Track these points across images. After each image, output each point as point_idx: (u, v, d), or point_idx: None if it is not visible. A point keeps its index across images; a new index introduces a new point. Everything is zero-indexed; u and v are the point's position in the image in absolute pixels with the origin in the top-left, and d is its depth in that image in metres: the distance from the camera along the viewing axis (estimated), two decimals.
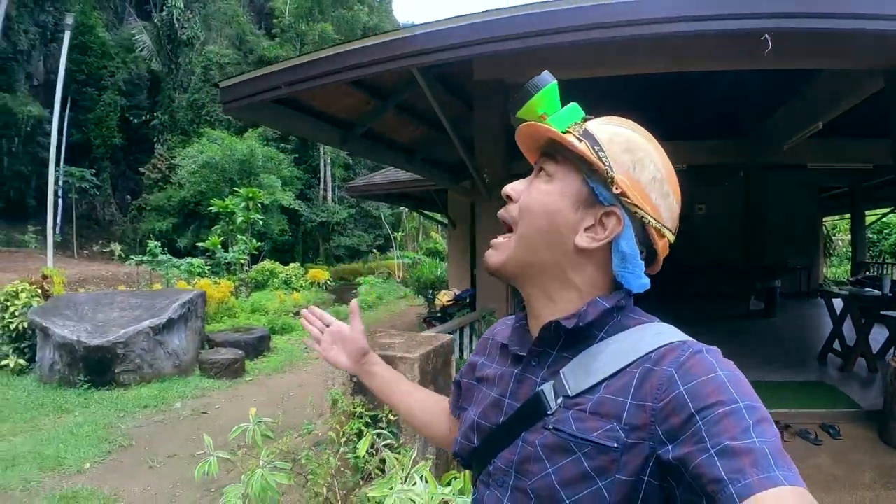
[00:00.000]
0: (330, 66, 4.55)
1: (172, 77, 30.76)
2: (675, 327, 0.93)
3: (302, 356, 9.93)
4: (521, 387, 1.00)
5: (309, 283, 18.05)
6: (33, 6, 27.37)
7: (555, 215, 0.95)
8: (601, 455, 0.84)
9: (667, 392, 0.81)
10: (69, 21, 18.80)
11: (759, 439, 0.71)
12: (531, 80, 0.95)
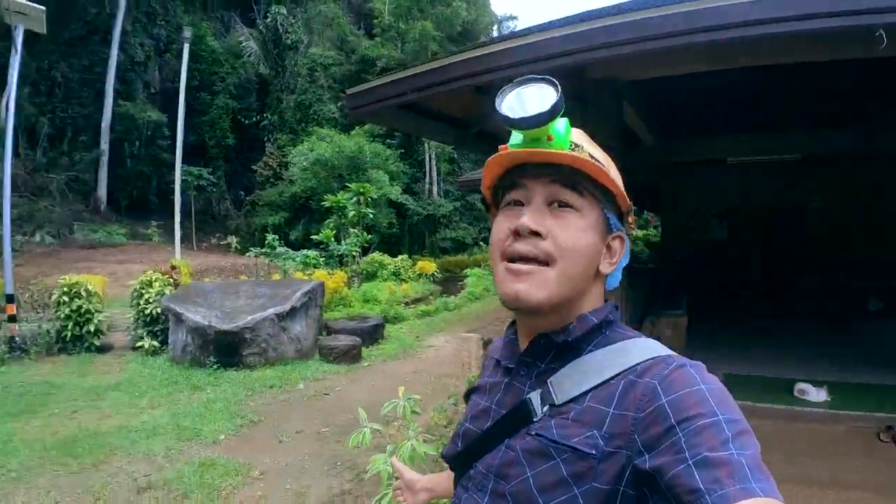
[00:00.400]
0: (451, 74, 4.69)
1: (279, 79, 31.80)
2: (659, 343, 0.95)
3: (414, 344, 10.14)
4: (508, 395, 1.02)
5: (416, 274, 18.22)
6: (146, 21, 29.17)
7: (592, 251, 0.97)
8: (579, 461, 0.85)
9: (649, 403, 0.82)
10: (187, 34, 19.88)
11: (738, 451, 0.72)
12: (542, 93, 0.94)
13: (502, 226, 0.98)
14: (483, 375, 1.19)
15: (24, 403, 6.98)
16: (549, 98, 0.91)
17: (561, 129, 0.94)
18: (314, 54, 31.92)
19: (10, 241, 10.20)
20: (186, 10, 31.67)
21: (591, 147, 1.00)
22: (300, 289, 9.47)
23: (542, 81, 0.95)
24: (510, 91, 0.97)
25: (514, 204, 0.99)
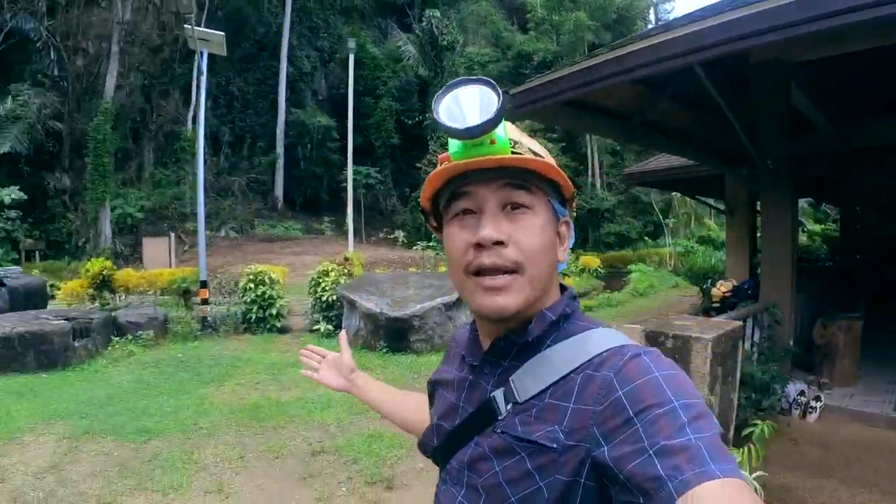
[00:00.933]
0: (611, 69, 4.66)
1: (439, 80, 32.21)
2: (617, 331, 0.97)
3: None
4: (473, 393, 1.03)
5: (579, 269, 17.90)
6: (310, 35, 31.41)
7: (551, 246, 0.98)
8: (542, 455, 0.86)
9: (606, 396, 0.83)
10: (351, 45, 21.25)
11: (695, 436, 0.73)
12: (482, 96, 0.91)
13: (459, 237, 0.96)
14: (447, 365, 1.21)
15: (214, 373, 8.23)
16: (491, 103, 0.89)
17: (500, 129, 0.91)
18: (471, 53, 32.31)
19: (204, 235, 11.70)
20: (346, 22, 33.39)
21: (527, 140, 0.99)
22: None
23: (479, 83, 0.92)
24: (445, 95, 0.93)
25: (463, 213, 0.97)
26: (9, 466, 5.07)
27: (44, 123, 23.52)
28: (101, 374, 8.23)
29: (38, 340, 8.25)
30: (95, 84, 25.94)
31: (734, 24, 3.84)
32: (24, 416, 6.32)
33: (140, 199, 24.73)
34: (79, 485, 4.72)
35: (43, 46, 24.82)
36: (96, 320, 9.25)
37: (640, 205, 30.24)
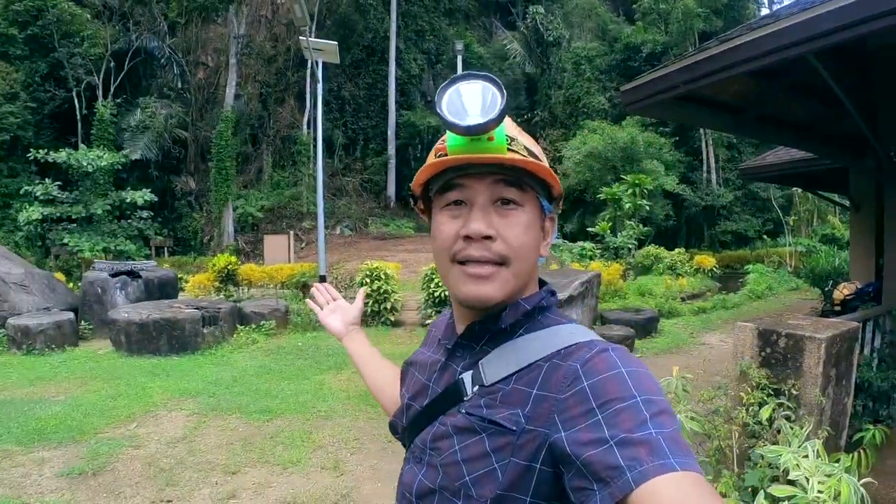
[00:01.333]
0: (725, 61, 4.52)
1: (546, 76, 32.12)
2: (588, 329, 0.98)
3: (688, 340, 9.98)
4: (444, 375, 1.06)
5: (694, 269, 17.27)
6: (416, 38, 31.89)
7: (537, 242, 1.01)
8: (500, 437, 0.89)
9: (571, 386, 0.85)
10: (459, 47, 21.81)
11: (656, 430, 0.75)
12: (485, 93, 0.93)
13: (447, 227, 0.99)
14: (424, 347, 1.24)
15: (331, 362, 8.58)
16: (494, 101, 0.91)
17: (499, 127, 0.93)
18: (577, 48, 31.74)
19: (323, 232, 12.15)
20: (450, 23, 33.69)
21: (522, 137, 1.01)
22: (578, 278, 9.74)
23: (483, 79, 0.94)
24: (448, 88, 0.95)
25: (454, 204, 0.99)
26: (145, 435, 5.59)
27: (170, 132, 25.49)
28: (227, 358, 8.79)
29: (171, 326, 8.97)
30: (215, 94, 27.94)
31: (850, 9, 3.62)
32: (159, 393, 6.91)
33: (260, 200, 26.02)
34: (206, 454, 5.11)
35: (166, 62, 27.03)
36: (223, 310, 9.97)
37: (759, 201, 28.69)
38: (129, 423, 5.93)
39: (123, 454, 5.13)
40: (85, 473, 4.74)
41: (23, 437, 5.54)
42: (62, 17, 23.22)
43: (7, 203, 22.07)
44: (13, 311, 9.93)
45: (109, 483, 4.59)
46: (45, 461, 5.00)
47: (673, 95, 5.21)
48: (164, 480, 4.61)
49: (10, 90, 22.41)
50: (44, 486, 4.54)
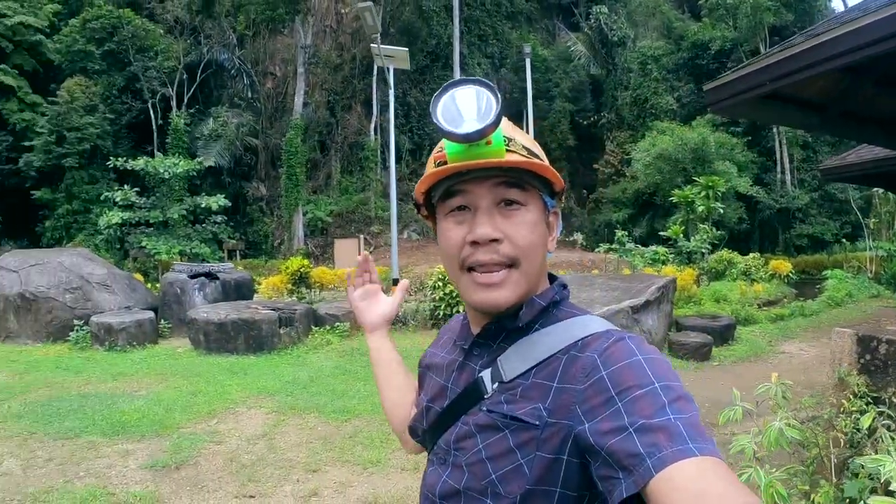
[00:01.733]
0: (815, 57, 4.33)
1: (612, 77, 31.76)
2: (603, 319, 0.99)
3: (766, 349, 9.61)
4: (462, 375, 1.06)
5: (769, 274, 16.63)
6: (479, 43, 31.96)
7: (543, 240, 1.01)
8: (524, 432, 0.89)
9: (589, 376, 0.86)
10: (527, 50, 22.06)
11: (675, 416, 0.75)
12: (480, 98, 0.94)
13: (454, 234, 0.99)
14: (437, 349, 1.23)
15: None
16: (489, 106, 0.91)
17: (497, 129, 0.92)
18: (643, 47, 31.08)
19: (396, 236, 12.26)
20: (513, 27, 33.61)
21: (520, 136, 1.00)
22: (654, 283, 9.52)
23: (477, 84, 0.94)
24: (442, 95, 0.95)
25: (458, 209, 0.99)
26: (225, 432, 5.67)
27: (241, 140, 26.41)
28: (303, 359, 8.88)
29: (248, 327, 9.17)
30: (284, 103, 28.78)
31: None
32: (237, 391, 7.02)
33: (329, 205, 26.59)
34: (286, 452, 5.13)
35: (236, 73, 28.13)
36: (299, 311, 10.13)
37: (837, 203, 27.39)
38: (210, 419, 6.04)
39: (205, 449, 5.21)
40: (168, 466, 4.83)
41: (107, 429, 5.72)
42: (136, 33, 24.60)
43: (87, 208, 23.32)
44: (96, 309, 10.38)
45: (192, 477, 4.67)
46: (129, 453, 5.14)
47: (758, 94, 5.04)
48: (246, 476, 4.65)
49: (90, 103, 23.70)
50: (129, 478, 4.66)
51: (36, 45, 26.37)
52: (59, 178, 24.21)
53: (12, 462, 4.98)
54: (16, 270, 10.63)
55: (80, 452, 5.16)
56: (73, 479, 4.63)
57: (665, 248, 15.90)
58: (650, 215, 26.36)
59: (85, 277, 10.74)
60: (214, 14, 27.00)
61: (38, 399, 6.83)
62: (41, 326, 10.20)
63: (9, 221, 24.87)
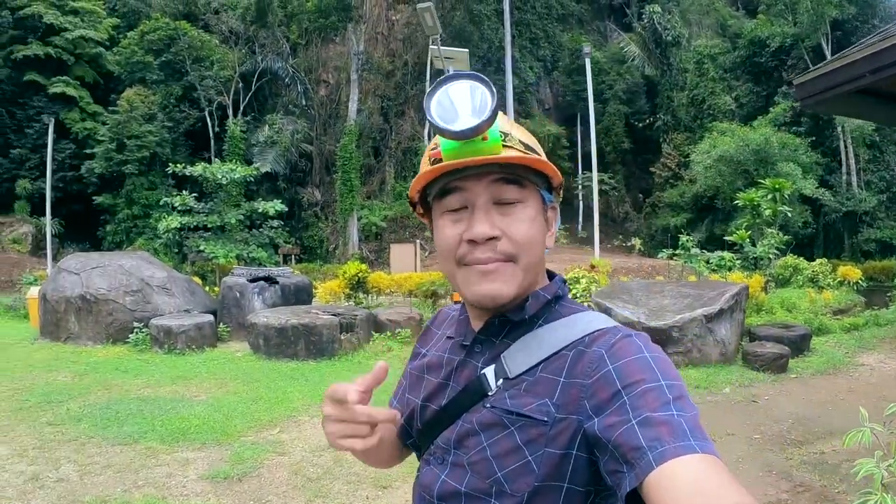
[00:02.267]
0: None
1: (667, 78, 31.06)
2: (606, 316, 0.98)
3: (844, 361, 9.05)
4: (463, 372, 1.02)
5: (837, 281, 15.87)
6: (531, 46, 31.90)
7: (542, 234, 0.99)
8: (531, 429, 0.87)
9: (596, 370, 0.85)
10: (587, 50, 21.51)
11: (678, 413, 0.76)
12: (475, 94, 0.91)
13: (450, 232, 0.95)
14: (428, 347, 1.17)
15: None
16: (484, 102, 0.88)
17: (494, 125, 0.90)
18: (699, 46, 30.35)
19: None
20: (564, 29, 33.43)
21: (516, 131, 0.97)
22: (727, 291, 9.14)
23: (472, 79, 0.91)
24: (436, 91, 0.92)
25: (454, 209, 0.96)
26: (289, 442, 5.49)
27: (296, 146, 26.83)
28: (364, 365, 8.64)
29: (309, 332, 9.07)
30: (337, 109, 29.12)
31: None
32: (299, 398, 6.86)
33: (383, 210, 26.76)
34: (354, 466, 4.88)
35: (290, 81, 28.60)
36: (359, 317, 10.01)
37: None
38: (272, 427, 5.89)
39: (268, 460, 5.04)
40: (230, 478, 4.66)
41: (166, 435, 5.61)
42: (193, 43, 25.55)
43: (147, 213, 24.11)
44: (156, 312, 10.48)
45: (255, 490, 4.49)
46: (188, 462, 5.00)
47: (855, 88, 4.77)
48: (313, 491, 4.44)
49: (149, 111, 24.58)
50: (188, 489, 4.51)
51: (96, 57, 27.66)
52: (120, 185, 25.15)
53: (70, 467, 4.89)
54: (77, 273, 10.78)
55: (138, 459, 5.04)
56: (130, 488, 4.50)
57: (730, 253, 15.37)
58: (709, 219, 25.72)
59: (145, 280, 10.87)
60: (268, 24, 27.48)
61: (98, 402, 6.82)
62: (101, 328, 10.32)
63: (71, 226, 25.98)
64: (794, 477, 4.71)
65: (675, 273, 16.24)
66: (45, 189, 22.49)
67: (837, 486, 4.43)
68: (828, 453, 5.15)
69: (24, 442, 5.49)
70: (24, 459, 5.06)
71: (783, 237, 16.06)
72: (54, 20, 25.84)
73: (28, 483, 4.58)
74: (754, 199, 15.99)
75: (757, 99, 28.94)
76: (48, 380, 7.91)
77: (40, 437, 5.59)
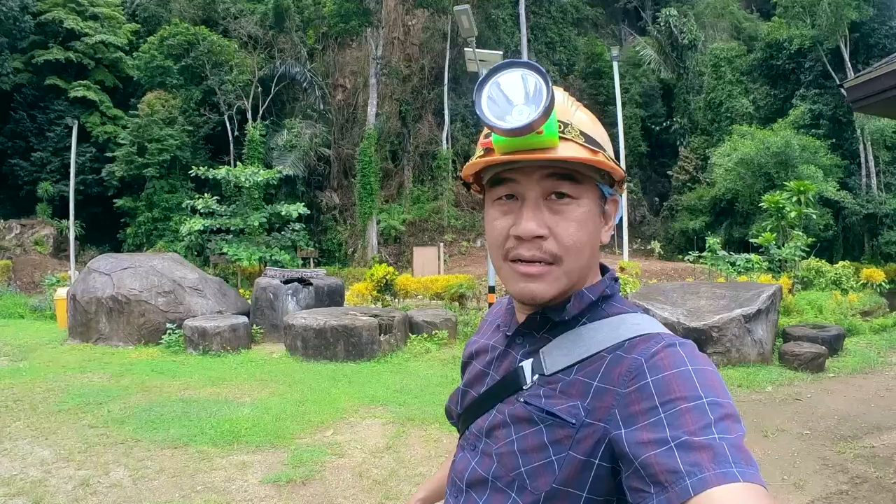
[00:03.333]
0: None
1: (683, 81, 31.15)
2: (653, 319, 0.95)
3: (879, 361, 9.19)
4: (503, 362, 1.03)
5: (861, 283, 15.94)
6: (547, 50, 31.93)
7: (595, 234, 0.95)
8: (559, 429, 0.86)
9: (634, 380, 0.83)
10: (615, 53, 21.44)
11: (720, 436, 0.72)
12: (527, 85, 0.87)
13: (499, 224, 0.94)
14: (479, 336, 1.18)
15: None
16: (540, 92, 0.83)
17: (552, 116, 0.85)
18: (715, 49, 30.22)
19: None
20: (579, 33, 33.53)
21: (578, 119, 0.93)
22: (763, 292, 9.25)
23: (524, 67, 0.87)
24: (486, 83, 0.88)
25: (505, 198, 0.94)
26: (345, 443, 5.47)
27: (315, 150, 26.86)
28: (404, 367, 8.75)
29: (348, 333, 9.09)
30: (354, 114, 29.46)
31: None
32: (345, 399, 6.86)
33: (402, 214, 26.88)
34: (417, 467, 4.88)
35: (308, 86, 28.75)
36: (397, 318, 9.99)
37: None
38: (325, 429, 5.87)
39: (328, 462, 5.01)
40: (293, 482, 4.62)
41: (217, 438, 5.55)
42: (212, 48, 25.74)
43: (167, 216, 24.33)
44: (189, 313, 10.49)
45: (321, 493, 4.46)
46: (246, 466, 4.94)
47: None
48: (382, 494, 4.42)
49: (169, 115, 24.83)
50: (251, 493, 4.43)
51: (116, 61, 27.94)
52: (140, 188, 25.34)
53: (121, 472, 4.78)
54: (108, 273, 10.79)
55: (192, 463, 4.96)
56: (189, 493, 4.41)
57: (757, 255, 15.42)
58: (728, 223, 25.74)
59: (177, 281, 10.89)
60: (286, 29, 27.66)
61: (138, 403, 6.76)
62: (133, 329, 10.33)
63: (92, 228, 26.16)
64: (850, 469, 4.86)
65: (703, 275, 16.27)
66: (66, 192, 22.56)
67: (892, 477, 4.66)
68: (878, 447, 5.34)
69: (68, 445, 5.39)
70: (71, 464, 4.96)
71: (808, 239, 16.09)
72: (75, 25, 26.08)
73: (79, 489, 4.48)
74: (779, 201, 15.99)
75: (774, 101, 28.84)
76: (83, 381, 7.85)
77: (84, 441, 5.49)
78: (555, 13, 32.62)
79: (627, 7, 36.89)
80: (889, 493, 4.35)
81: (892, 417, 6.17)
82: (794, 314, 11.84)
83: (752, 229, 21.42)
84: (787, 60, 28.04)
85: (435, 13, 28.64)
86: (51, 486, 4.51)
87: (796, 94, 27.45)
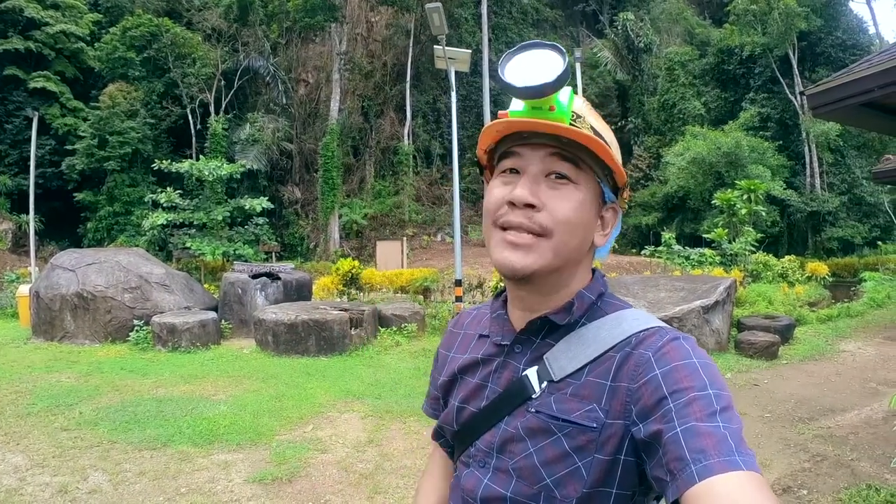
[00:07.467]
0: None
1: (638, 83, 32.02)
2: (649, 313, 0.98)
3: (826, 348, 9.70)
4: (503, 373, 1.01)
5: (806, 276, 16.90)
6: (506, 49, 31.30)
7: (588, 224, 0.96)
8: (581, 435, 0.87)
9: (643, 374, 0.85)
10: (577, 55, 21.87)
11: (724, 424, 0.75)
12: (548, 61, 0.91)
13: (497, 193, 0.96)
14: (456, 352, 1.14)
15: None
16: (555, 67, 0.88)
17: (564, 99, 0.90)
18: (670, 52, 31.23)
19: (459, 238, 12.34)
20: (538, 34, 33.77)
21: (592, 118, 0.97)
22: (720, 284, 9.63)
23: (548, 48, 0.92)
24: (514, 56, 0.94)
25: (509, 171, 0.97)
26: (326, 439, 5.48)
27: (277, 144, 26.68)
28: (376, 360, 8.85)
29: (320, 328, 9.10)
30: (317, 109, 29.42)
31: None
32: (321, 394, 6.93)
33: (363, 208, 26.91)
34: (401, 459, 4.96)
35: (271, 80, 28.63)
36: (367, 312, 10.02)
37: (866, 207, 27.39)
38: (304, 425, 5.86)
39: (312, 459, 4.97)
40: (279, 479, 4.53)
41: (196, 437, 5.40)
42: (175, 40, 25.36)
43: (128, 210, 23.91)
44: (156, 309, 10.32)
45: (309, 490, 4.39)
46: (228, 465, 4.81)
47: (862, 101, 5.02)
48: (370, 488, 4.41)
49: (131, 108, 24.38)
50: (237, 493, 4.31)
51: (77, 52, 27.13)
52: (101, 181, 24.90)
53: (99, 476, 4.58)
54: (72, 269, 10.54)
55: (173, 465, 4.80)
56: (174, 495, 4.27)
57: (710, 249, 16.07)
58: (679, 218, 26.66)
59: (144, 277, 10.69)
60: (250, 22, 27.40)
61: (111, 404, 6.50)
62: (99, 326, 10.10)
63: (51, 223, 25.45)
64: (810, 449, 5.17)
65: (658, 269, 16.82)
66: (25, 185, 21.79)
67: (849, 455, 4.98)
68: (833, 427, 5.69)
69: (41, 450, 5.16)
70: (46, 469, 4.75)
71: (757, 235, 16.84)
72: (35, 14, 25.28)
73: (57, 496, 4.28)
74: (730, 199, 16.68)
75: (725, 104, 30.06)
76: (51, 382, 7.54)
77: (58, 445, 5.28)
78: (516, 14, 33.14)
79: (586, 10, 37.60)
80: (848, 469, 4.64)
81: (844, 400, 6.58)
82: (747, 305, 12.38)
83: (704, 225, 22.42)
84: (738, 66, 29.16)
85: (398, 10, 28.66)
86: (27, 494, 4.32)
87: (746, 97, 28.70)
